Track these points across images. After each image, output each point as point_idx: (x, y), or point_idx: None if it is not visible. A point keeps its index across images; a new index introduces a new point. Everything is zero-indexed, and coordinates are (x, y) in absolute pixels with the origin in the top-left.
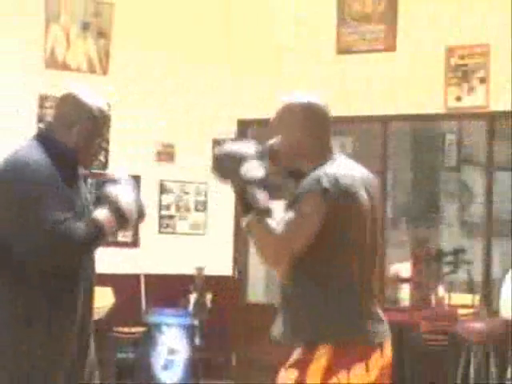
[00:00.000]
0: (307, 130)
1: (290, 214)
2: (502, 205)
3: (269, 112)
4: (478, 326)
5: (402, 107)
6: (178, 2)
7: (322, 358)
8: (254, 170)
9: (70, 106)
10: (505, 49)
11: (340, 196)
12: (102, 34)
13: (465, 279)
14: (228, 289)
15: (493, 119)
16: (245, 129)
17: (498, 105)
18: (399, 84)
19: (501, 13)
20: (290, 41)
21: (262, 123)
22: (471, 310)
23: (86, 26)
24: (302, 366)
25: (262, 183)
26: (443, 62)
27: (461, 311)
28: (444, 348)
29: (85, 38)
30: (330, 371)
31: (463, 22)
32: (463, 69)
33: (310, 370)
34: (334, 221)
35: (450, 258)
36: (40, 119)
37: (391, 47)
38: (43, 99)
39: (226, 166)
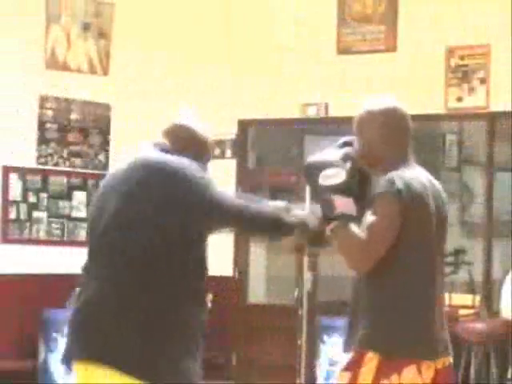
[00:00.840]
0: (385, 137)
1: (371, 218)
2: (503, 205)
3: (269, 112)
4: (478, 326)
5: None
6: (177, 2)
7: (371, 361)
8: (333, 176)
9: (185, 135)
10: (505, 49)
11: (412, 199)
12: (102, 35)
13: (465, 280)
14: (228, 289)
15: (493, 119)
16: (245, 129)
17: (499, 105)
18: (399, 84)
19: (501, 13)
20: (290, 41)
21: (263, 123)
22: (472, 311)
23: (86, 27)
24: (354, 368)
25: (341, 189)
26: (443, 62)
27: (461, 312)
28: None
29: (85, 38)
30: (381, 373)
31: (463, 22)
32: (463, 69)
33: (361, 372)
34: (406, 225)
35: (450, 259)
36: (40, 119)
37: (392, 48)
38: (44, 99)
39: (310, 175)
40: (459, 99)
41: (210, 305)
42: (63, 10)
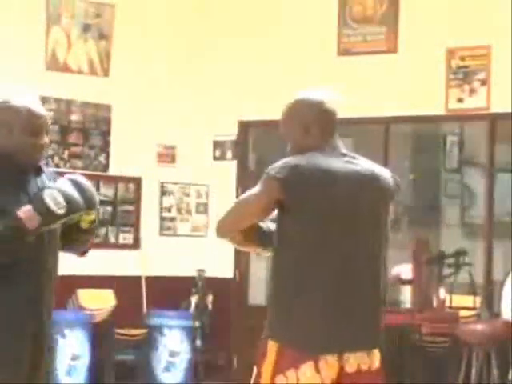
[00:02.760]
0: (294, 123)
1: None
2: (504, 206)
3: (269, 113)
4: (479, 327)
5: (403, 109)
6: (177, 3)
7: (272, 353)
8: None
9: None
10: (506, 50)
11: (297, 182)
12: (102, 36)
13: (466, 281)
14: (229, 291)
15: (494, 120)
16: (246, 130)
17: (499, 106)
18: (400, 86)
19: (501, 14)
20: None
21: (263, 124)
22: (472, 312)
23: (86, 28)
24: (260, 362)
25: None
26: (444, 63)
27: (462, 313)
28: (445, 350)
29: (86, 39)
30: (278, 368)
31: (464, 23)
32: (464, 70)
33: (263, 366)
34: (290, 211)
35: (451, 260)
36: None
37: (392, 49)
38: (44, 101)
39: None
40: (460, 100)
41: (210, 306)
42: (63, 12)
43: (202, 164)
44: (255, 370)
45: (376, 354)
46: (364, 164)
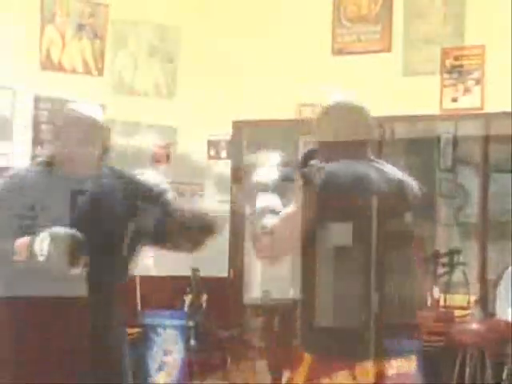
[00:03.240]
0: (320, 130)
1: (283, 211)
2: (498, 206)
3: (264, 113)
4: (473, 327)
5: (397, 108)
6: (175, 2)
7: (307, 361)
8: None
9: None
10: (500, 50)
11: (327, 188)
12: (97, 35)
13: (460, 280)
14: (224, 290)
15: (488, 120)
16: (240, 130)
17: (494, 106)
18: (395, 85)
19: (496, 14)
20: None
21: (258, 124)
22: (467, 312)
23: (81, 27)
24: (295, 366)
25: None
26: (439, 63)
27: (456, 313)
28: (439, 349)
29: (80, 38)
30: (312, 375)
31: (459, 23)
32: (459, 70)
33: (298, 371)
34: (326, 216)
35: (445, 259)
36: (35, 120)
37: (387, 48)
38: (38, 100)
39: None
40: (454, 100)
41: (205, 306)
42: (58, 11)
43: (196, 163)
44: (286, 374)
45: (413, 360)
46: (391, 171)
